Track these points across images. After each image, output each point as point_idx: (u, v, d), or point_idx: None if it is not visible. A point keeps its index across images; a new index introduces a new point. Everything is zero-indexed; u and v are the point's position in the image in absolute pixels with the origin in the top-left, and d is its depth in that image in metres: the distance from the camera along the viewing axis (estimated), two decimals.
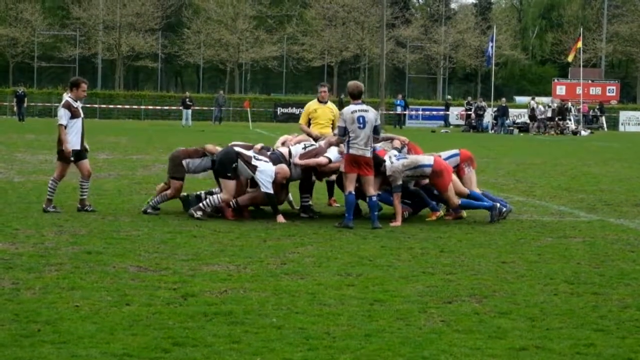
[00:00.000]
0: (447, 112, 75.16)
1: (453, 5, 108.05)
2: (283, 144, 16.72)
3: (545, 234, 14.50)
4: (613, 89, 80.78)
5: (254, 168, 15.26)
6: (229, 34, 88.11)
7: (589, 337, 8.05)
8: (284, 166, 15.58)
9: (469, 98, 75.32)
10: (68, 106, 15.84)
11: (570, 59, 72.77)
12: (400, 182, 15.30)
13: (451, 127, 71.62)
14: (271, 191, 15.23)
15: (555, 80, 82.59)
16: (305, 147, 16.10)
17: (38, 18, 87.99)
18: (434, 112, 77.52)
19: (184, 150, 16.24)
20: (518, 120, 67.32)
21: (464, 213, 16.26)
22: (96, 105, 72.93)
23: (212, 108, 71.79)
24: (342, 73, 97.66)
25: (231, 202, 15.51)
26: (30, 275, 10.15)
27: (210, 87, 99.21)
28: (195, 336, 7.78)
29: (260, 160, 15.41)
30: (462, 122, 72.03)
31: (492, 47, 67.93)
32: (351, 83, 15.59)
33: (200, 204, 15.44)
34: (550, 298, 9.61)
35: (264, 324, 8.24)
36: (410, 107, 75.74)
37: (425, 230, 14.68)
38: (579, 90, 71.23)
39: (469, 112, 69.30)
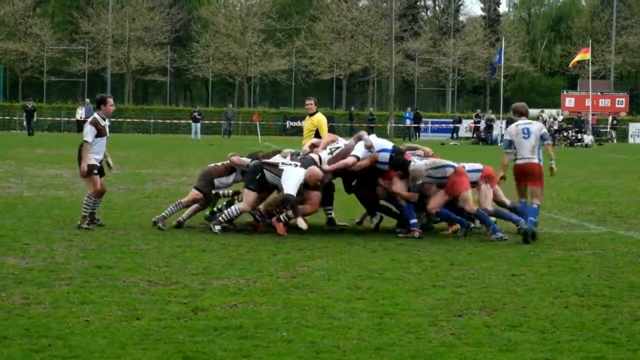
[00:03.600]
0: (458, 125, 74.97)
1: (462, 18, 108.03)
2: (312, 148, 16.58)
3: (555, 246, 14.48)
4: (622, 101, 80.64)
5: (280, 172, 15.11)
6: (237, 47, 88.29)
7: (599, 350, 8.03)
8: (315, 168, 15.34)
9: (478, 110, 75.24)
10: (95, 124, 15.94)
11: (571, 65, 72.76)
12: (420, 182, 15.32)
13: (461, 139, 71.51)
14: (293, 193, 14.96)
15: (564, 92, 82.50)
16: (331, 152, 15.98)
17: (47, 33, 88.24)
18: (444, 125, 77.46)
19: (216, 168, 16.19)
20: None
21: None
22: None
23: (221, 122, 71.87)
24: (351, 86, 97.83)
25: (282, 217, 15.31)
26: (41, 289, 10.16)
27: (219, 101, 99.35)
28: (206, 350, 7.78)
29: (289, 165, 15.22)
30: (470, 135, 71.97)
31: (499, 58, 67.76)
32: (517, 103, 16.43)
33: (220, 217, 15.36)
34: (560, 311, 9.59)
35: (274, 338, 8.23)
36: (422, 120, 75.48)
37: (435, 243, 14.67)
38: (588, 102, 71.15)
39: (478, 125, 69.28)
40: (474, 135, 69.40)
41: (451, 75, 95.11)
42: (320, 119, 19.28)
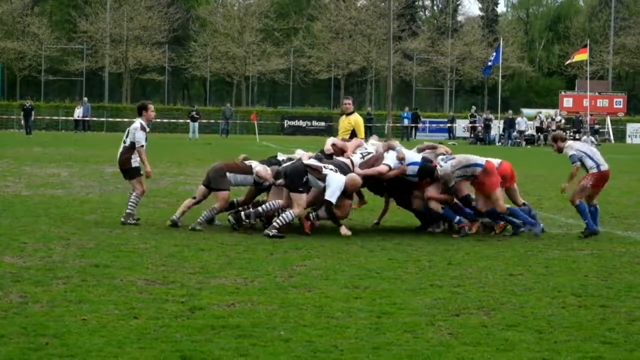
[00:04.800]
0: (453, 125, 74.94)
1: (460, 18, 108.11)
2: (334, 148, 16.53)
3: (552, 246, 14.49)
4: (620, 101, 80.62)
5: (324, 177, 14.99)
6: (235, 47, 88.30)
7: (596, 350, 8.03)
8: (355, 176, 15.33)
9: (473, 110, 75.24)
10: (144, 129, 16.53)
11: (567, 62, 72.89)
12: (453, 183, 15.38)
13: (459, 139, 71.51)
14: (333, 200, 14.94)
15: (562, 93, 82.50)
16: (363, 156, 15.94)
17: (45, 32, 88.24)
18: (441, 125, 77.47)
19: (226, 164, 16.24)
20: (526, 132, 67.18)
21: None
22: (103, 119, 73.10)
23: (219, 121, 71.83)
24: (348, 85, 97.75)
25: (311, 215, 15.37)
26: (38, 288, 10.15)
27: (217, 100, 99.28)
28: (203, 349, 7.78)
29: (331, 169, 15.14)
30: (468, 135, 71.99)
31: (496, 57, 67.66)
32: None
33: (275, 222, 14.96)
34: (557, 311, 9.60)
35: (272, 337, 8.24)
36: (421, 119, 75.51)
37: (432, 242, 14.67)
38: (586, 103, 71.15)
39: (474, 125, 69.33)
40: (472, 135, 69.40)
41: (449, 75, 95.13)
42: (357, 119, 19.41)
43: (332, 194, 14.93)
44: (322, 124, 77.16)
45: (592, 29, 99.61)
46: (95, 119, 71.67)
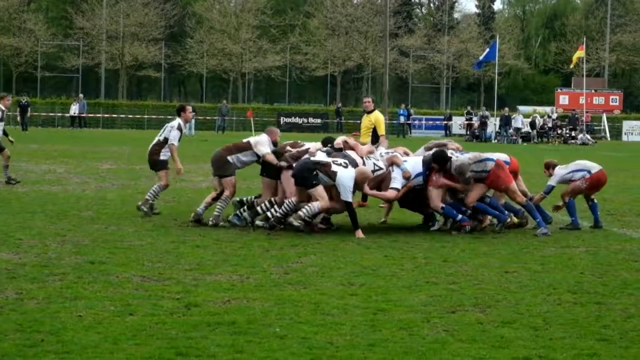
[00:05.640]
0: (450, 122, 74.92)
1: (456, 15, 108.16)
2: (345, 145, 16.28)
3: (548, 243, 14.50)
4: (616, 99, 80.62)
5: (334, 174, 14.78)
6: (232, 43, 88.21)
7: (592, 347, 8.04)
8: (365, 169, 15.26)
9: (469, 107, 75.23)
10: (180, 129, 17.02)
11: (572, 65, 72.94)
12: (468, 175, 15.35)
13: (455, 136, 71.49)
14: (350, 200, 14.86)
15: (558, 90, 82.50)
16: (373, 172, 15.60)
17: (41, 28, 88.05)
18: (437, 122, 77.44)
19: (224, 149, 16.40)
20: (523, 130, 67.20)
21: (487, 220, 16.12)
22: (99, 115, 73.03)
23: (215, 118, 71.79)
24: (345, 82, 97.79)
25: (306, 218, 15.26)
26: (34, 285, 10.15)
27: (213, 97, 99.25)
28: (199, 346, 7.78)
29: (340, 165, 14.96)
30: (464, 132, 71.95)
31: (489, 52, 67.52)
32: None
33: (300, 213, 14.83)
34: (553, 308, 9.61)
35: (267, 334, 8.24)
36: (413, 116, 75.58)
37: (428, 239, 14.67)
38: (582, 100, 71.18)
39: (470, 122, 69.33)
40: (468, 133, 69.38)
41: (445, 72, 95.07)
42: (378, 117, 19.59)
43: (346, 195, 14.78)
44: (319, 120, 77.21)
45: (589, 26, 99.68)
46: (91, 115, 71.59)
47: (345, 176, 14.80)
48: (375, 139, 19.18)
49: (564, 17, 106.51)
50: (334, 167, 14.86)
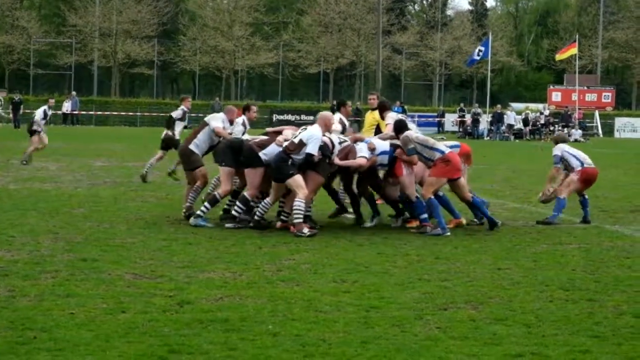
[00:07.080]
0: (442, 119, 74.97)
1: (449, 12, 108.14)
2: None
3: (540, 240, 14.51)
4: (609, 96, 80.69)
5: (302, 145, 14.66)
6: (225, 40, 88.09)
7: (584, 344, 8.05)
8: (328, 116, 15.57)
9: (462, 104, 75.28)
10: (244, 125, 17.02)
11: (558, 57, 72.94)
12: (412, 146, 15.20)
13: (447, 133, 71.53)
14: (315, 153, 14.68)
15: (551, 87, 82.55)
16: (340, 142, 15.56)
17: (34, 25, 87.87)
18: (430, 119, 77.43)
19: (186, 140, 16.66)
20: (515, 127, 67.25)
21: (463, 220, 15.97)
22: (92, 112, 72.94)
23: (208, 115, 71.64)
24: (338, 80, 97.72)
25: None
26: (26, 282, 10.14)
27: (206, 94, 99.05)
28: (191, 343, 7.78)
29: (303, 128, 15.10)
30: (457, 129, 71.99)
31: (480, 50, 67.51)
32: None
33: (295, 221, 14.64)
34: (545, 304, 9.62)
35: (260, 331, 8.24)
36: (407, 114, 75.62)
37: (420, 237, 14.67)
38: (575, 97, 71.26)
39: (463, 119, 69.38)
40: (460, 130, 69.44)
41: (438, 69, 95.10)
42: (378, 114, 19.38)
43: (312, 148, 14.71)
44: (311, 118, 76.95)
45: (582, 23, 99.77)
46: (84, 112, 71.46)
47: (314, 129, 14.89)
48: None
49: (557, 14, 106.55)
50: (299, 136, 14.85)
